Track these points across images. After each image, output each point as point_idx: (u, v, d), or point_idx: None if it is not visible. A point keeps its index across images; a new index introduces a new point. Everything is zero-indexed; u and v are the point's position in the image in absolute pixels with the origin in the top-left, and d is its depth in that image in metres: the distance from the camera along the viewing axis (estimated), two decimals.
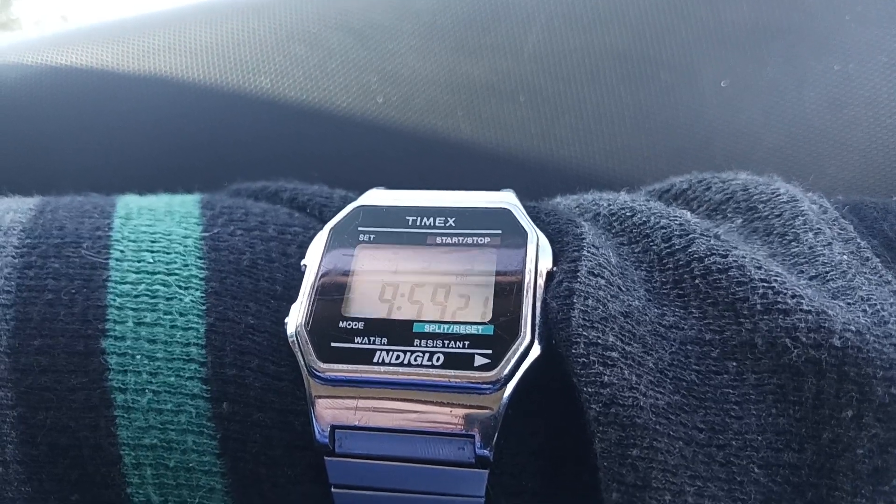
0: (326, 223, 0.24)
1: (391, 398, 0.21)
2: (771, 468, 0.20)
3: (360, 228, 0.24)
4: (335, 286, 0.23)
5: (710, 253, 0.22)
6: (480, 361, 0.21)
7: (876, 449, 0.20)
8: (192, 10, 0.43)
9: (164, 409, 0.21)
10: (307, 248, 0.24)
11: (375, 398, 0.21)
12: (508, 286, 0.22)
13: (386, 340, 0.21)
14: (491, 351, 0.21)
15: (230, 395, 0.21)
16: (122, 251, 0.23)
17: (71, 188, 0.29)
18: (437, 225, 0.24)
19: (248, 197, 0.28)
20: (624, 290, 0.22)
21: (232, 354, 0.22)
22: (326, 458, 0.21)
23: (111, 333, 0.21)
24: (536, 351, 0.21)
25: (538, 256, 0.22)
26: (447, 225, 0.24)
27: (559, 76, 0.39)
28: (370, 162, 0.39)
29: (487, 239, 0.23)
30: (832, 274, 0.22)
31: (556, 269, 0.22)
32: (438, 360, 0.21)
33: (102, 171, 0.39)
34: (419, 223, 0.24)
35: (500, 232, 0.23)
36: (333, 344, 0.21)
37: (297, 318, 0.22)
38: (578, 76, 0.39)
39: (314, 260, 0.23)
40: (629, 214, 0.24)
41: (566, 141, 0.38)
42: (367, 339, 0.21)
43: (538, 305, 0.21)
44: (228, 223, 0.25)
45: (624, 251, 0.24)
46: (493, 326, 0.21)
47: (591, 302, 0.21)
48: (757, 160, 0.37)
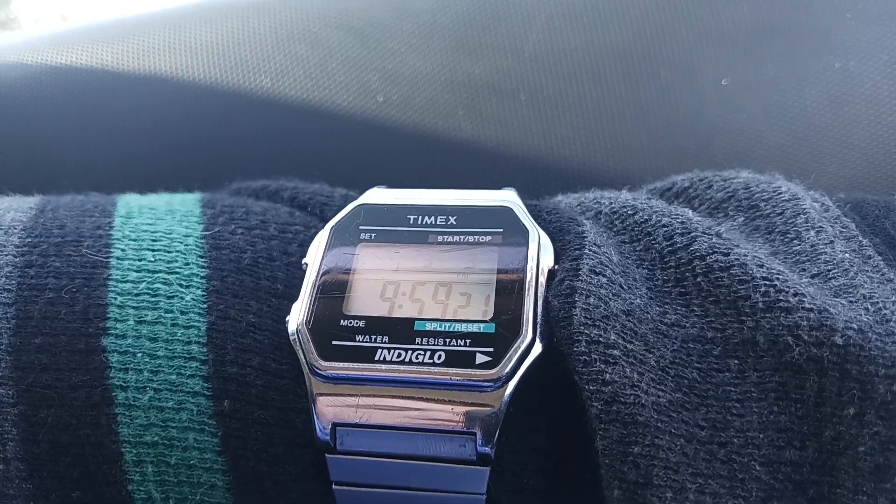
0: (327, 222, 0.24)
1: (392, 396, 0.21)
2: (772, 466, 0.20)
3: (361, 227, 0.24)
4: (336, 284, 0.23)
5: (711, 251, 0.22)
6: (482, 359, 0.21)
7: (878, 446, 0.20)
8: (192, 9, 0.43)
9: (165, 406, 0.21)
10: (308, 246, 0.24)
11: (377, 396, 0.21)
12: (510, 284, 0.22)
13: (387, 338, 0.21)
14: (492, 349, 0.21)
15: (231, 392, 0.21)
16: (122, 250, 0.23)
17: (71, 187, 0.29)
18: (438, 223, 0.24)
19: (248, 196, 0.28)
20: (625, 288, 0.21)
21: (233, 352, 0.22)
22: (327, 455, 0.21)
23: (112, 331, 0.21)
24: (538, 349, 0.21)
25: (540, 255, 0.22)
26: (448, 223, 0.24)
27: (560, 75, 0.39)
28: (371, 161, 0.39)
29: (489, 237, 0.23)
30: (834, 272, 0.22)
31: (557, 267, 0.22)
32: (440, 357, 0.21)
33: (103, 170, 0.39)
34: (420, 222, 0.24)
35: (501, 230, 0.23)
36: (335, 342, 0.21)
37: (298, 316, 0.22)
38: (579, 75, 0.39)
39: (315, 258, 0.23)
40: (631, 213, 0.24)
41: (567, 139, 0.38)
42: (368, 337, 0.21)
43: (540, 303, 0.21)
44: (229, 222, 0.25)
45: (625, 249, 0.24)
46: (494, 324, 0.21)
47: (592, 300, 0.21)
48: (758, 158, 0.37)
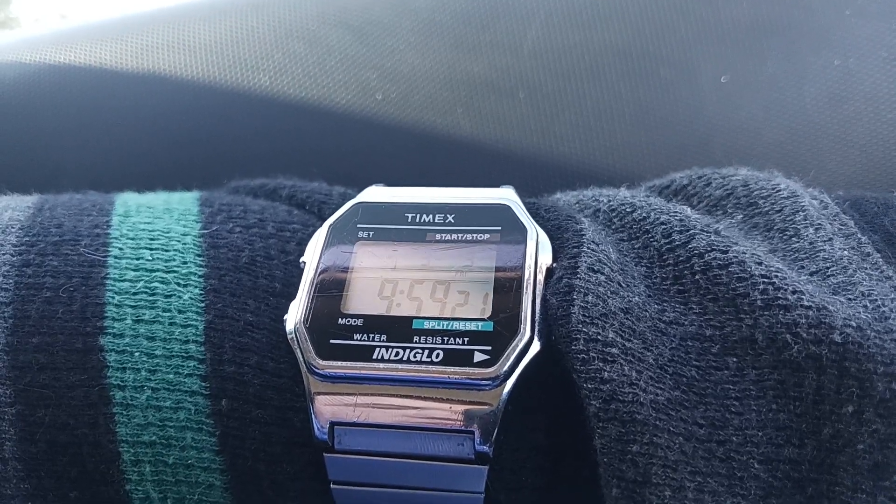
0: (325, 220, 0.24)
1: (390, 395, 0.21)
2: (771, 463, 0.20)
3: (359, 225, 0.24)
4: (334, 283, 0.23)
5: (710, 249, 0.22)
6: (480, 358, 0.21)
7: (876, 444, 0.20)
8: (191, 7, 0.43)
9: (162, 405, 0.21)
10: (306, 245, 0.24)
11: (375, 395, 0.21)
12: (508, 282, 0.22)
13: (385, 337, 0.21)
14: (490, 347, 0.21)
15: (229, 391, 0.21)
16: (120, 248, 0.23)
17: (70, 186, 0.29)
18: (436, 221, 0.24)
19: (246, 194, 0.28)
20: (624, 286, 0.21)
21: (231, 351, 0.22)
22: (325, 454, 0.21)
23: (110, 331, 0.21)
24: (536, 347, 0.21)
25: (538, 253, 0.22)
26: (446, 221, 0.24)
27: (559, 73, 0.39)
28: (369, 159, 0.39)
29: (487, 235, 0.23)
30: (833, 269, 0.22)
31: (555, 265, 0.22)
32: (438, 356, 0.21)
33: (101, 168, 0.39)
34: (418, 220, 0.24)
35: (499, 228, 0.23)
36: (332, 341, 0.21)
37: (296, 314, 0.22)
38: (578, 72, 0.39)
39: (313, 257, 0.23)
40: (629, 210, 0.24)
41: (566, 137, 0.38)
42: (366, 335, 0.21)
43: (538, 302, 0.21)
44: (227, 220, 0.25)
45: (624, 247, 0.24)
46: (492, 323, 0.21)
47: (590, 298, 0.20)
48: (757, 156, 0.37)
